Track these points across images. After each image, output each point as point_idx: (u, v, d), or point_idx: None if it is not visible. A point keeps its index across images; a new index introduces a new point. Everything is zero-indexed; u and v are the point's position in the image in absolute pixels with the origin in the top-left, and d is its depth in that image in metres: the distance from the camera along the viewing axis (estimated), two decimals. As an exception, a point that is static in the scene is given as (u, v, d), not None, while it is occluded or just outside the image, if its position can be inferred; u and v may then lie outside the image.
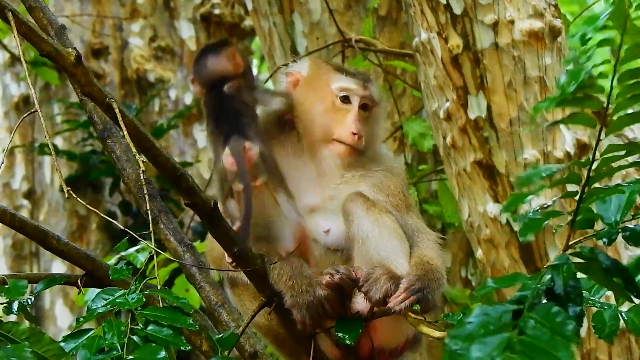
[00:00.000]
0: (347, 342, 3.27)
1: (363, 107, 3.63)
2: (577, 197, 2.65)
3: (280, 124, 3.66)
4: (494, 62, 4.55)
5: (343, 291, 3.33)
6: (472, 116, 4.59)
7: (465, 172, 4.65)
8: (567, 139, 4.55)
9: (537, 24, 4.54)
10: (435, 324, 3.15)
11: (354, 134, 3.56)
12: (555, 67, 4.57)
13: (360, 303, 3.34)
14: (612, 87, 2.47)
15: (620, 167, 2.68)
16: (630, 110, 2.58)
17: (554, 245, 4.50)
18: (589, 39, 2.52)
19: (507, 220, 4.56)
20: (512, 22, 4.54)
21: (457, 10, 4.57)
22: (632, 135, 4.48)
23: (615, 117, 2.57)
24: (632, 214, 2.76)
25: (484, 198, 4.62)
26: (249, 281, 3.36)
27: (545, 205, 2.79)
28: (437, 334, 3.08)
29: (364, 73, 3.84)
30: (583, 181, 2.62)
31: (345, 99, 3.62)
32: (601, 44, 2.52)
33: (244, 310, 3.53)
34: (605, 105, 2.52)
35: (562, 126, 4.52)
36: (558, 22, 4.61)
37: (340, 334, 3.30)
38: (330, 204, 3.52)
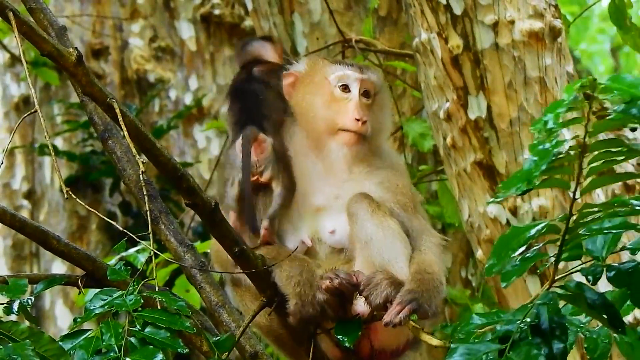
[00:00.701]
0: (347, 344, 3.27)
1: (365, 94, 3.61)
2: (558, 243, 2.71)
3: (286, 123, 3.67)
4: (494, 63, 4.55)
5: (343, 295, 3.33)
6: (472, 116, 4.59)
7: (466, 172, 4.65)
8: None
9: (537, 25, 4.54)
10: (432, 334, 3.15)
11: (358, 119, 3.53)
12: (555, 67, 4.57)
13: (360, 305, 3.34)
14: (582, 157, 2.56)
15: (597, 220, 2.72)
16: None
17: (553, 246, 4.49)
18: (553, 129, 2.60)
19: (507, 221, 4.56)
20: (512, 22, 4.54)
21: (457, 11, 4.57)
22: (631, 135, 4.47)
23: (588, 180, 2.67)
24: (620, 247, 2.80)
25: (484, 198, 4.62)
26: (251, 282, 3.37)
27: (526, 256, 2.82)
28: (435, 342, 3.10)
29: (363, 64, 3.84)
30: (562, 232, 2.67)
31: (345, 88, 3.59)
32: (568, 124, 2.61)
33: (245, 310, 3.53)
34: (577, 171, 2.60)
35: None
36: (558, 23, 4.61)
37: (340, 336, 3.30)
38: (336, 203, 3.52)
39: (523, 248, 2.73)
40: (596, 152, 2.61)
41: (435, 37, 4.62)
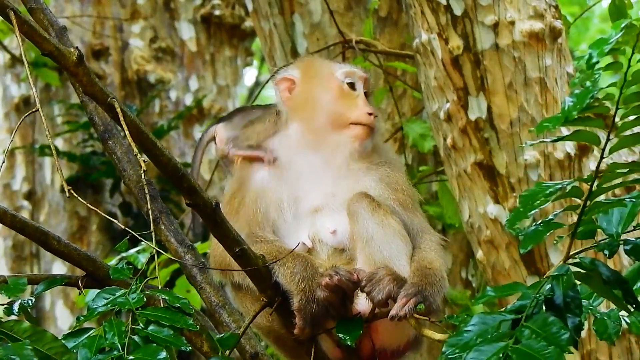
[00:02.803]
0: (348, 343, 3.27)
1: (365, 94, 3.68)
2: (578, 211, 2.68)
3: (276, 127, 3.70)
4: (494, 63, 4.55)
5: (344, 292, 3.33)
6: (472, 117, 4.59)
7: (466, 173, 4.65)
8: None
9: (538, 25, 4.55)
10: (439, 324, 3.14)
11: (370, 114, 3.60)
12: (555, 68, 4.58)
13: (361, 304, 3.34)
14: (617, 108, 2.51)
15: (622, 184, 2.69)
16: (635, 130, 2.61)
17: (555, 247, 4.49)
18: (596, 62, 2.55)
19: (508, 221, 4.56)
20: (512, 23, 4.54)
21: (458, 11, 4.58)
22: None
23: (618, 137, 2.62)
24: (634, 225, 2.77)
25: (484, 199, 4.62)
26: (252, 285, 3.36)
27: (547, 219, 2.81)
28: (438, 336, 3.08)
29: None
30: (585, 195, 2.65)
31: (351, 85, 3.66)
32: (607, 68, 2.55)
33: (246, 311, 3.52)
34: (610, 124, 2.55)
35: (562, 127, 4.53)
36: (558, 23, 4.61)
37: (341, 335, 3.29)
38: (334, 201, 3.53)
39: (546, 204, 2.69)
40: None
41: (436, 37, 4.62)
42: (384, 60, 5.73)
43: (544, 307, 2.56)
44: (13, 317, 3.10)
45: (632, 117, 2.58)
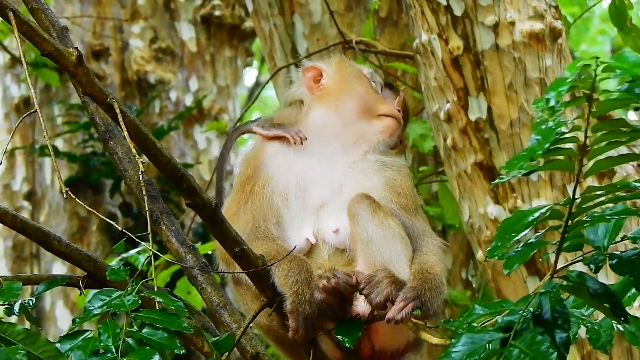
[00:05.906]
0: (347, 344, 3.27)
1: None
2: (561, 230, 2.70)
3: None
4: (494, 64, 4.55)
5: (342, 295, 3.33)
6: (472, 117, 4.59)
7: (466, 173, 4.65)
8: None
9: (538, 26, 4.55)
10: (436, 329, 3.14)
11: (398, 110, 3.76)
12: (555, 68, 4.58)
13: (361, 306, 3.34)
14: (586, 136, 2.54)
15: (600, 203, 2.71)
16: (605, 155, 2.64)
17: (555, 247, 4.49)
18: (555, 104, 2.58)
19: (508, 222, 4.56)
20: (512, 23, 4.54)
21: (458, 12, 4.58)
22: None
23: (591, 162, 2.65)
24: (621, 237, 2.79)
25: (484, 199, 4.63)
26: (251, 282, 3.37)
27: (529, 241, 2.82)
28: (435, 340, 3.08)
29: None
30: (565, 216, 2.67)
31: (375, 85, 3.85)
32: (570, 103, 2.59)
33: (246, 309, 3.53)
34: (580, 154, 2.59)
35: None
36: (559, 24, 4.61)
37: (340, 337, 3.29)
38: (340, 196, 3.54)
39: (526, 231, 2.72)
40: (599, 134, 2.59)
41: (436, 38, 4.62)
42: (384, 61, 5.73)
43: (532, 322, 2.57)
44: (13, 320, 3.09)
45: (603, 143, 2.62)
